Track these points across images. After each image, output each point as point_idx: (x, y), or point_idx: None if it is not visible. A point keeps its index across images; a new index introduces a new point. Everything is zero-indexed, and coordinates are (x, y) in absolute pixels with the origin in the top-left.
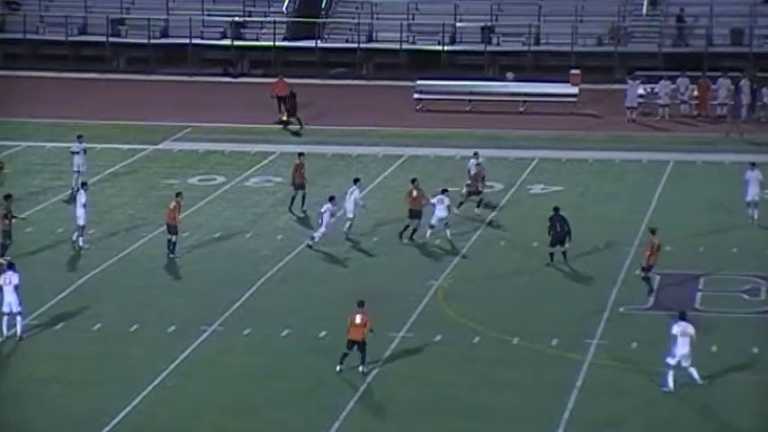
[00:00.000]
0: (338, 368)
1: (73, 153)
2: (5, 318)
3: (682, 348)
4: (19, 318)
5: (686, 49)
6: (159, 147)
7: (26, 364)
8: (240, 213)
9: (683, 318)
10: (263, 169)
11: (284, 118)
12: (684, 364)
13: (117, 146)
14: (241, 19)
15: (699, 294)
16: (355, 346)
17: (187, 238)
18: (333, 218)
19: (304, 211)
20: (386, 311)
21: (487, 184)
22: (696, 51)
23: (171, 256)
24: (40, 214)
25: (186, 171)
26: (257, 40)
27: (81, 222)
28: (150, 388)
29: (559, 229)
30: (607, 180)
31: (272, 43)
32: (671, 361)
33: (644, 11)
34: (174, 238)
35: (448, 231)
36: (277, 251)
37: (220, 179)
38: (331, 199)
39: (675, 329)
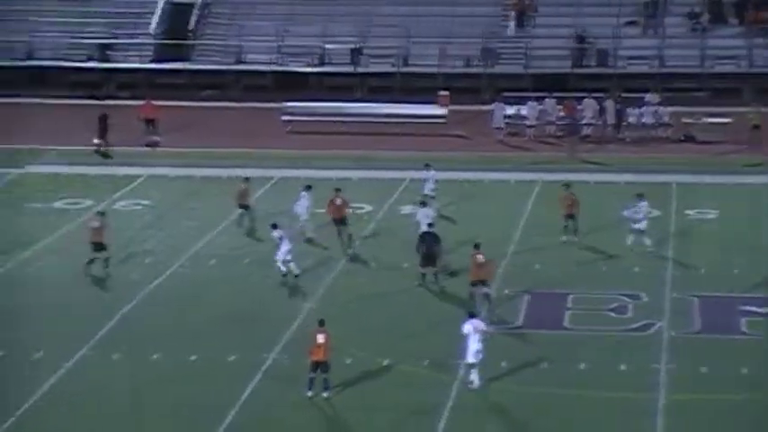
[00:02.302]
0: (309, 394)
1: None
2: None
3: (474, 345)
4: None
5: (553, 70)
6: (24, 171)
7: None
8: (107, 237)
9: (472, 316)
10: (131, 192)
11: (96, 141)
12: (475, 360)
13: None
14: (107, 41)
15: (567, 313)
16: (318, 369)
17: (54, 261)
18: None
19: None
20: (258, 333)
21: (352, 206)
22: (562, 72)
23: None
24: None
25: (51, 194)
26: (125, 62)
27: None
28: (17, 415)
29: (426, 250)
30: (476, 200)
31: (139, 65)
32: (470, 359)
33: (511, 32)
34: (102, 254)
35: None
36: (146, 275)
37: (88, 202)
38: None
39: (467, 328)
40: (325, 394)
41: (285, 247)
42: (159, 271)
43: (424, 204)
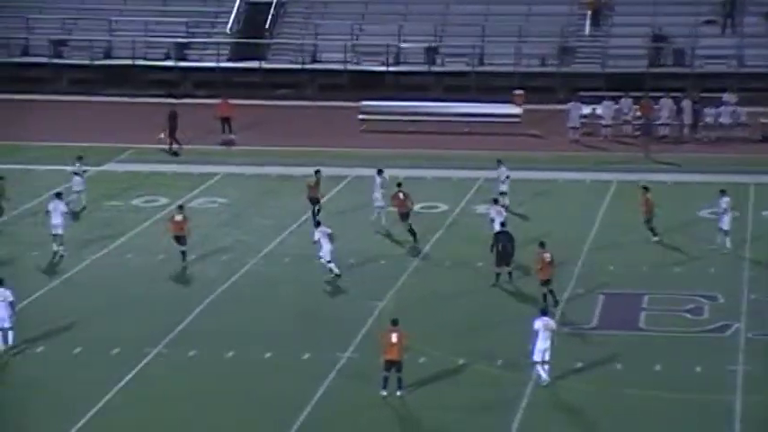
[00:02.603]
0: (384, 393)
1: (74, 174)
2: None
3: (543, 343)
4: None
5: (629, 69)
6: (102, 168)
7: None
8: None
9: (544, 314)
10: (207, 190)
11: (161, 136)
12: (546, 358)
13: (59, 167)
14: (185, 40)
15: (643, 314)
16: (392, 368)
17: (131, 259)
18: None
19: (318, 222)
20: (331, 332)
21: (426, 204)
22: (638, 72)
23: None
24: None
25: (129, 192)
26: (201, 60)
27: (60, 231)
28: (93, 411)
29: (501, 249)
30: (551, 200)
31: (215, 64)
32: (536, 357)
33: (586, 31)
34: (180, 248)
35: None
36: (222, 272)
37: (164, 200)
38: (318, 225)
39: (538, 324)
40: (398, 393)
41: (327, 246)
42: (235, 269)
43: (496, 202)
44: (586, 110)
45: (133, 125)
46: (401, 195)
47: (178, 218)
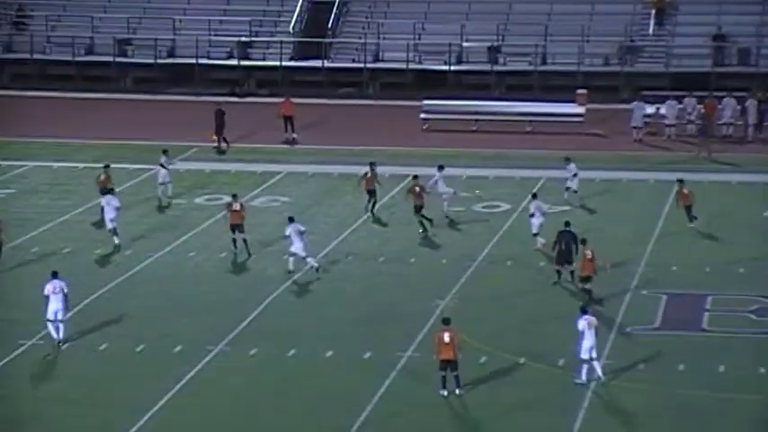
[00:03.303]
0: (444, 393)
1: (161, 166)
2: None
3: (589, 341)
4: (61, 325)
5: (693, 68)
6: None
7: (31, 385)
8: (246, 233)
9: (585, 312)
10: (269, 189)
11: (213, 137)
12: (593, 355)
13: (124, 165)
14: (248, 39)
15: (706, 315)
16: (448, 367)
17: (193, 257)
18: (303, 234)
19: (373, 213)
20: (392, 331)
21: (490, 203)
22: (702, 71)
23: (235, 251)
24: (47, 234)
25: (193, 191)
26: (264, 59)
27: (114, 225)
28: (156, 408)
29: (564, 247)
30: (614, 200)
31: (278, 63)
32: (584, 356)
33: (650, 30)
34: (242, 236)
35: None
36: (284, 271)
37: (227, 199)
38: (291, 220)
39: (582, 324)
40: (457, 391)
41: (299, 243)
42: (297, 267)
43: (535, 197)
44: (650, 109)
45: (197, 124)
46: (417, 189)
47: (236, 206)
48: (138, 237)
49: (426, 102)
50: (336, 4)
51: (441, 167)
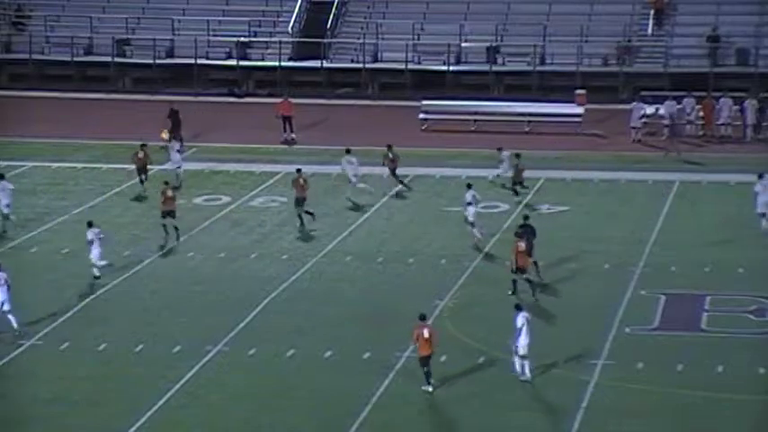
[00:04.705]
0: (430, 389)
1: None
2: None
3: (526, 338)
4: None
5: (692, 69)
6: (164, 167)
7: (30, 385)
8: (245, 233)
9: (520, 308)
10: (268, 189)
11: (164, 135)
12: (526, 352)
13: (122, 166)
14: (247, 39)
15: (705, 315)
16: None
17: (192, 257)
18: (100, 240)
19: (90, 223)
20: (391, 331)
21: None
22: (701, 71)
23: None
24: (46, 234)
25: (191, 191)
26: (263, 60)
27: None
28: (155, 408)
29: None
30: (613, 200)
31: (277, 63)
32: (522, 352)
33: (649, 30)
34: (304, 209)
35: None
36: (282, 271)
37: (225, 199)
38: (90, 224)
39: (520, 320)
40: (428, 388)
41: (96, 250)
42: (295, 267)
43: (469, 186)
44: (649, 110)
45: (195, 124)
46: (301, 181)
47: (301, 181)
48: (138, 237)
49: (425, 102)
50: (335, 4)
51: (348, 150)
